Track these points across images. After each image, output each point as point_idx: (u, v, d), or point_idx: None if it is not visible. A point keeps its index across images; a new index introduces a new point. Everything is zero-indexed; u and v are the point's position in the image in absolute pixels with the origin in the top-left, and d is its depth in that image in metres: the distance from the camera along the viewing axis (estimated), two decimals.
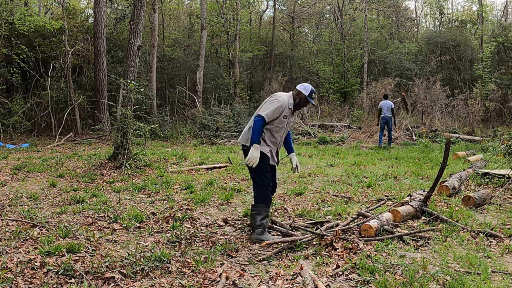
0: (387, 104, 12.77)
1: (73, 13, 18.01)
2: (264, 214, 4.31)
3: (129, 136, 8.49)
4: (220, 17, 22.66)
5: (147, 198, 6.20)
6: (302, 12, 26.49)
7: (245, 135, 4.46)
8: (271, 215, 5.22)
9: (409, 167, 8.95)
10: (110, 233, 4.50)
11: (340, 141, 14.46)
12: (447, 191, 6.14)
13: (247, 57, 23.45)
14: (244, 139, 4.45)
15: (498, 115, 18.90)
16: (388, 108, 12.69)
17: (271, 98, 4.43)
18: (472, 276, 3.38)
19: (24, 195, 6.22)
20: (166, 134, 14.61)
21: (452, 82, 21.72)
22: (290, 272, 3.50)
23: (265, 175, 4.37)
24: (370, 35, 24.38)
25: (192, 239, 4.32)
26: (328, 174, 8.09)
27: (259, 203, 4.36)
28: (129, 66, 9.65)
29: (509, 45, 20.89)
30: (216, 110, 16.70)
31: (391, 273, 3.43)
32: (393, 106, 12.91)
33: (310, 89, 4.48)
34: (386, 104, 12.76)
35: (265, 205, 4.35)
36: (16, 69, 15.38)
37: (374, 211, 5.03)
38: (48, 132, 15.12)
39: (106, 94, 15.63)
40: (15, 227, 4.54)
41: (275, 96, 4.45)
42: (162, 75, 20.38)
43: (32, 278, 3.31)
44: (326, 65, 24.60)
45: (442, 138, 14.31)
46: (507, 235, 4.39)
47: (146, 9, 13.99)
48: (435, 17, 30.89)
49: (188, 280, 3.37)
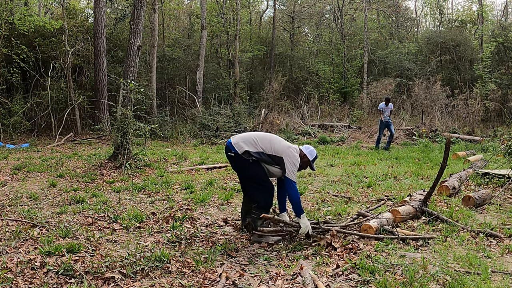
0: (389, 107, 12.62)
1: (73, 13, 18.01)
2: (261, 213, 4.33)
3: (129, 136, 8.49)
4: (220, 17, 22.66)
5: (147, 198, 6.20)
6: (302, 12, 26.48)
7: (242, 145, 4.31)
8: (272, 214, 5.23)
9: (409, 167, 8.94)
10: (110, 233, 4.50)
11: (340, 141, 14.45)
12: (447, 191, 6.14)
13: (247, 57, 23.44)
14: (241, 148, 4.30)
15: (498, 115, 18.89)
16: (389, 110, 12.61)
17: (292, 157, 4.30)
18: (472, 276, 3.38)
19: (24, 195, 6.22)
20: (166, 134, 14.61)
21: (452, 82, 21.72)
22: (290, 272, 3.50)
23: (265, 178, 4.37)
24: (370, 35, 24.38)
25: (192, 239, 4.32)
26: (328, 174, 8.09)
27: (262, 208, 4.35)
28: (129, 66, 9.65)
29: (509, 45, 20.89)
30: (216, 110, 16.69)
31: (391, 273, 3.43)
32: (392, 108, 12.94)
33: (314, 155, 4.52)
34: (388, 107, 12.59)
35: (266, 210, 4.37)
36: (16, 69, 15.37)
37: (374, 211, 5.03)
38: (48, 132, 15.12)
39: (106, 94, 15.63)
40: (15, 227, 4.54)
41: (295, 155, 4.34)
42: (162, 75, 20.37)
43: (32, 278, 3.31)
44: (326, 65, 24.60)
45: (442, 138, 14.30)
46: (507, 235, 4.39)
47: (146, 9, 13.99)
48: (435, 17, 30.88)
49: (188, 280, 3.37)
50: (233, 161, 4.43)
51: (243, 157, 4.27)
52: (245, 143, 4.32)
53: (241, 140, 4.36)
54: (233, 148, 4.32)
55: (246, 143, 4.31)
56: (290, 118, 17.46)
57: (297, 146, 4.52)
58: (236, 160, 4.35)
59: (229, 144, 4.39)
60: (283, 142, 4.44)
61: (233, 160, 4.39)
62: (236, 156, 4.31)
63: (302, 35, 29.02)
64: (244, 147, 4.28)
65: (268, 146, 4.32)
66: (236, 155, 4.30)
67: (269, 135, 4.56)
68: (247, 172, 4.38)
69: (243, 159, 4.28)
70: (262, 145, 4.32)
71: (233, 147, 4.33)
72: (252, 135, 4.45)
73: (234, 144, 4.34)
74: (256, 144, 4.31)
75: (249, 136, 4.44)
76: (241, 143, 4.32)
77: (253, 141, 4.33)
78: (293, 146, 4.46)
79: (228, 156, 4.44)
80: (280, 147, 4.35)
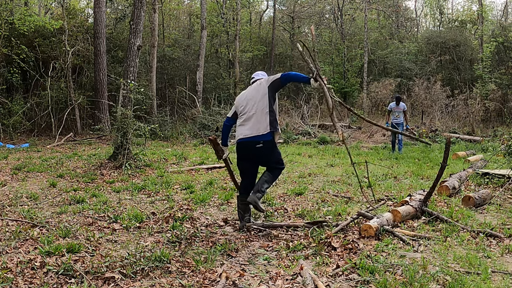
0: (400, 107, 11.37)
1: (73, 13, 18.01)
2: (270, 185, 4.63)
3: (129, 136, 8.49)
4: (220, 17, 22.67)
5: (147, 198, 6.20)
6: (302, 12, 26.49)
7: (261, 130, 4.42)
8: (271, 215, 5.23)
9: (409, 167, 8.94)
10: (110, 233, 4.50)
11: (340, 141, 14.45)
12: (447, 191, 6.14)
13: (247, 57, 23.44)
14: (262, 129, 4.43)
15: (498, 115, 18.88)
16: (400, 112, 11.37)
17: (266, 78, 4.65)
18: (472, 276, 3.38)
19: (24, 195, 6.22)
20: (166, 134, 14.61)
21: (452, 82, 21.71)
22: (290, 272, 3.50)
23: (281, 156, 4.70)
24: (370, 35, 24.37)
25: (192, 239, 4.32)
26: (328, 174, 8.09)
27: (273, 179, 4.63)
28: (129, 66, 9.67)
29: (509, 45, 20.88)
30: (216, 110, 16.70)
31: (391, 273, 3.43)
32: (405, 108, 11.54)
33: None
34: (399, 107, 11.36)
35: (274, 181, 4.76)
36: (16, 69, 15.37)
37: (374, 211, 5.03)
38: (48, 132, 15.11)
39: (106, 94, 15.63)
40: (15, 227, 4.54)
41: (265, 76, 4.78)
42: (162, 75, 20.37)
43: (32, 278, 3.31)
44: (326, 65, 24.59)
45: (442, 138, 14.30)
46: (507, 235, 4.39)
47: (146, 9, 13.99)
48: (435, 17, 30.89)
49: (188, 280, 3.37)
50: (258, 152, 4.45)
51: (270, 142, 4.43)
52: (257, 127, 4.41)
53: (254, 128, 4.42)
54: (257, 138, 4.41)
55: (258, 126, 4.40)
56: (290, 118, 17.47)
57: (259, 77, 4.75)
58: (264, 148, 4.42)
59: (249, 139, 4.44)
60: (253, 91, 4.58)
61: (259, 150, 4.43)
62: (264, 144, 4.40)
63: (302, 35, 29.01)
64: (266, 129, 4.38)
65: (259, 102, 4.46)
66: (265, 142, 4.40)
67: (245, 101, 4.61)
68: (273, 155, 4.54)
69: (270, 144, 4.43)
70: (257, 107, 4.44)
71: (255, 137, 4.41)
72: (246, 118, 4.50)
73: (255, 136, 4.41)
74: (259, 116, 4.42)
75: (249, 119, 4.48)
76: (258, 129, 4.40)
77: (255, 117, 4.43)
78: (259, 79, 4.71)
79: (254, 150, 4.45)
80: (258, 93, 4.51)
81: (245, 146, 4.50)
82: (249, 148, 4.48)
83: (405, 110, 11.48)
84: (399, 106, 11.34)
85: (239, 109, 4.62)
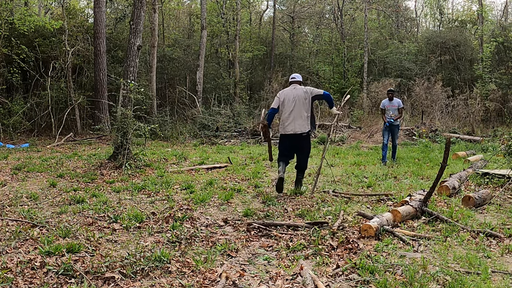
0: (394, 103, 9.52)
1: (73, 13, 18.01)
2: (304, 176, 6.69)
3: (129, 136, 8.49)
4: (220, 17, 22.67)
5: (147, 198, 6.20)
6: (302, 12, 26.48)
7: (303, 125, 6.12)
8: (271, 215, 5.24)
9: (409, 167, 8.94)
10: (110, 233, 4.50)
11: (340, 141, 14.45)
12: (447, 191, 6.14)
13: (247, 57, 23.44)
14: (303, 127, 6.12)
15: (498, 115, 18.89)
16: (395, 109, 9.51)
17: (307, 89, 6.25)
18: (472, 276, 3.38)
19: (24, 195, 6.21)
20: (166, 134, 14.61)
21: (452, 82, 21.71)
22: (290, 272, 3.50)
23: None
24: (370, 35, 24.37)
25: (192, 239, 4.32)
26: (328, 174, 8.09)
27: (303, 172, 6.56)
28: (129, 66, 9.66)
29: (509, 45, 20.89)
30: (216, 110, 16.70)
31: (391, 273, 3.43)
32: (401, 105, 9.61)
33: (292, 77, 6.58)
34: (393, 104, 9.52)
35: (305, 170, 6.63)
36: (16, 69, 15.38)
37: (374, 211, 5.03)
38: (48, 132, 15.11)
39: (106, 94, 15.64)
40: (15, 227, 4.54)
41: (303, 88, 6.30)
42: (162, 75, 20.37)
43: (32, 278, 3.31)
44: (326, 65, 24.59)
45: (442, 138, 14.30)
46: (507, 235, 4.39)
47: (146, 9, 13.99)
48: (435, 17, 30.87)
49: (188, 280, 3.37)
50: (298, 139, 6.15)
51: (308, 134, 6.12)
52: (300, 126, 6.10)
53: (298, 127, 6.10)
54: (301, 128, 6.11)
55: (302, 124, 6.11)
56: None
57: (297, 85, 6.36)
58: (305, 137, 6.15)
59: (294, 133, 6.13)
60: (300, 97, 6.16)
61: (299, 138, 6.13)
62: (306, 134, 6.12)
63: (302, 35, 29.02)
64: (307, 128, 6.13)
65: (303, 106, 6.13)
66: (306, 133, 6.10)
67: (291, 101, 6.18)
68: (307, 145, 6.34)
69: (307, 134, 6.14)
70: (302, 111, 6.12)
71: (301, 128, 6.10)
72: (293, 118, 6.12)
73: (300, 126, 6.09)
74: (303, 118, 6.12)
75: (294, 120, 6.11)
76: (301, 127, 6.11)
77: (300, 119, 6.11)
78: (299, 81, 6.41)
79: (297, 136, 6.12)
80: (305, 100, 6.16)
81: (291, 136, 6.17)
82: (293, 137, 6.16)
83: (401, 107, 9.53)
84: (393, 103, 9.45)
85: (284, 104, 6.16)
